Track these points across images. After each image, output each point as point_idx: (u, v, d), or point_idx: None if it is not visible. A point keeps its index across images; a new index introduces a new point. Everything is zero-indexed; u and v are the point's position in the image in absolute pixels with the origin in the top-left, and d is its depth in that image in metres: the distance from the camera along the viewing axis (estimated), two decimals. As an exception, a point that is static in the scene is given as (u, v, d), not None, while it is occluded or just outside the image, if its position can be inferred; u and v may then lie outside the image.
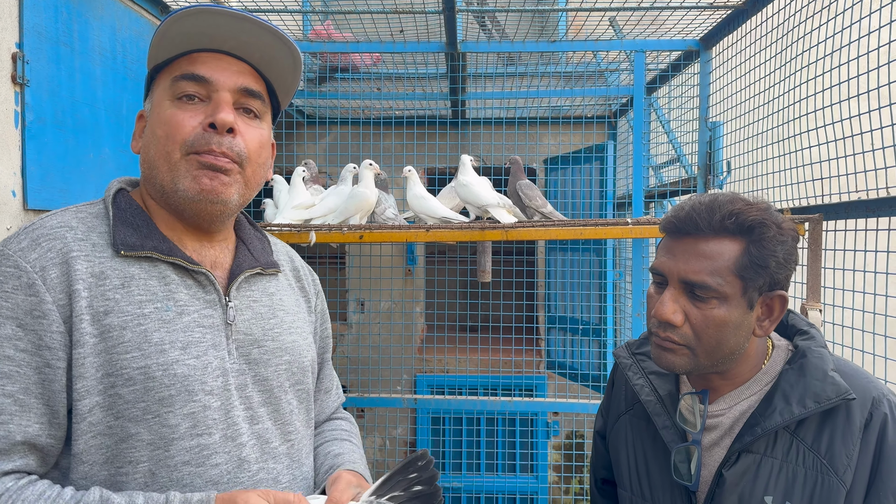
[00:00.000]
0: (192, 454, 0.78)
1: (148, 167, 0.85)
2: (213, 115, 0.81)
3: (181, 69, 0.83)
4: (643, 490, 1.03)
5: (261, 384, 0.87)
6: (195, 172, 0.81)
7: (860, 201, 1.65)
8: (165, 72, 0.85)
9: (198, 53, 0.84)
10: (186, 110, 0.82)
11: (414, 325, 3.89)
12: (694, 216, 0.90)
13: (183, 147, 0.81)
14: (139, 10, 2.11)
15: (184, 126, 0.81)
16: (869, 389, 0.90)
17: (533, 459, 3.79)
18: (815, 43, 1.85)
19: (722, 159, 2.54)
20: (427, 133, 3.49)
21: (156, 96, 0.86)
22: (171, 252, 0.82)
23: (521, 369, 3.80)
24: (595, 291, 3.31)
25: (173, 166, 0.82)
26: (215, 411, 0.80)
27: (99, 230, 0.82)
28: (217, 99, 0.83)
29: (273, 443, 0.87)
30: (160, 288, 0.80)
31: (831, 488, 0.87)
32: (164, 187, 0.83)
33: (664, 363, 0.94)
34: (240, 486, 0.81)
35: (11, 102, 1.53)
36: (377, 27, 2.65)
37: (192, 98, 0.83)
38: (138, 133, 0.90)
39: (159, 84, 0.86)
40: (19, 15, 1.54)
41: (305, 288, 1.03)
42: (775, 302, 0.91)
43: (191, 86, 0.82)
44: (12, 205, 1.54)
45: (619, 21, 2.74)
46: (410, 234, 2.12)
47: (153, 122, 0.84)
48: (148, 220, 0.84)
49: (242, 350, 0.86)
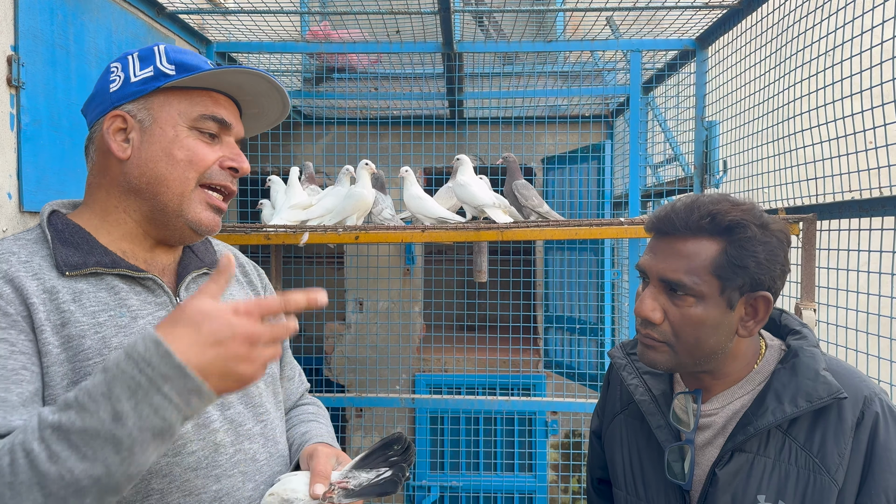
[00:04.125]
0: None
1: (149, 181, 0.86)
2: (240, 164, 0.91)
3: (207, 108, 0.89)
4: (637, 489, 1.04)
5: None
6: (204, 214, 0.89)
7: (854, 201, 1.65)
8: (179, 95, 0.88)
9: (217, 95, 0.91)
10: (209, 145, 0.89)
11: (412, 324, 3.89)
12: (672, 216, 0.92)
13: (200, 177, 0.88)
14: (135, 12, 2.11)
15: (207, 159, 0.88)
16: (860, 389, 0.91)
17: (531, 458, 3.80)
18: (810, 42, 1.85)
19: (718, 158, 2.54)
20: (424, 133, 3.49)
21: (164, 114, 0.87)
22: (115, 264, 0.85)
23: (520, 368, 3.80)
24: (593, 291, 3.31)
25: (187, 193, 0.87)
26: None
27: (41, 254, 0.84)
28: (231, 144, 0.92)
29: (246, 425, 0.91)
30: (111, 298, 0.84)
31: (823, 487, 0.87)
32: (165, 206, 0.87)
33: (647, 360, 0.96)
34: (218, 469, 0.85)
35: (7, 105, 1.53)
36: (373, 28, 2.65)
37: (207, 134, 0.90)
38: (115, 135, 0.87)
39: (170, 102, 0.87)
40: (14, 17, 1.54)
41: (253, 282, 1.08)
42: (759, 303, 0.91)
43: (214, 126, 0.90)
44: (8, 207, 1.54)
45: (615, 20, 2.74)
46: (406, 234, 2.12)
47: (167, 142, 0.86)
48: (87, 237, 0.86)
49: None
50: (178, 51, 0.90)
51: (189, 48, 2.54)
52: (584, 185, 3.37)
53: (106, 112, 0.88)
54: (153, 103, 0.87)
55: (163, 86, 0.87)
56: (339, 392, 3.70)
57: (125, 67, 0.89)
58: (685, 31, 2.64)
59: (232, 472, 0.86)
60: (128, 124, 0.87)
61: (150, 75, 0.87)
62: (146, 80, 0.87)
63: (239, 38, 2.78)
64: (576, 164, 3.41)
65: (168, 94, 0.88)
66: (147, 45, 0.91)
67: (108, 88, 0.89)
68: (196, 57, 0.90)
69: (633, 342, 1.13)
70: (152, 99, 0.88)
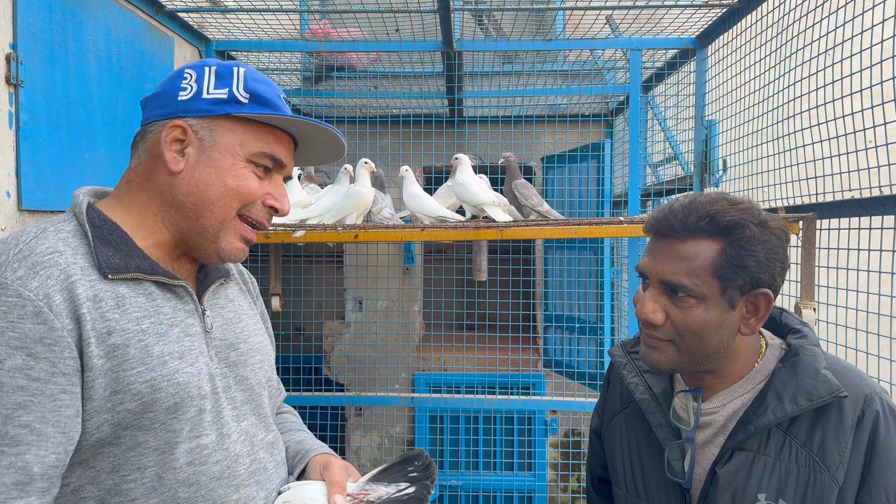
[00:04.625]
0: (194, 455, 0.83)
1: (196, 202, 0.86)
2: (281, 205, 0.92)
3: (268, 146, 0.89)
4: (638, 488, 1.04)
5: (242, 384, 0.93)
6: (238, 245, 0.90)
7: (854, 200, 1.65)
8: (246, 126, 0.88)
9: (280, 133, 0.92)
10: (260, 179, 0.90)
11: (412, 323, 3.89)
12: (670, 217, 0.91)
13: (242, 208, 0.89)
14: (134, 10, 2.10)
15: (255, 194, 0.89)
16: (861, 387, 0.91)
17: (531, 457, 3.80)
18: (810, 41, 1.85)
19: (718, 157, 2.54)
20: (424, 132, 3.49)
21: (225, 139, 0.87)
22: (154, 270, 0.85)
23: (519, 367, 3.80)
24: (593, 290, 3.31)
25: (226, 221, 0.88)
26: (209, 413, 0.86)
27: (81, 251, 0.81)
28: (278, 183, 0.93)
29: (259, 435, 0.94)
30: (149, 304, 0.83)
31: (824, 486, 0.87)
32: (204, 230, 0.88)
33: (650, 361, 0.96)
34: (237, 479, 0.87)
35: (5, 103, 1.52)
36: (373, 26, 2.65)
37: (263, 169, 0.90)
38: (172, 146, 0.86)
39: (233, 130, 0.87)
40: (13, 16, 1.54)
41: (251, 290, 1.10)
42: (760, 300, 0.91)
43: (270, 163, 0.90)
44: (7, 206, 1.54)
45: (615, 19, 2.74)
46: (406, 233, 2.12)
47: (222, 168, 0.86)
48: (126, 238, 0.84)
49: (221, 354, 0.91)
50: (256, 78, 0.89)
51: (188, 46, 2.54)
52: (583, 185, 3.37)
53: (168, 117, 0.86)
54: (218, 126, 0.87)
55: (231, 116, 0.87)
56: (339, 391, 3.70)
57: (199, 79, 0.87)
58: (685, 29, 2.64)
59: (248, 482, 0.89)
60: (187, 138, 0.86)
61: (223, 98, 0.86)
62: (218, 101, 0.86)
63: (238, 36, 2.77)
64: (575, 163, 3.40)
65: (234, 120, 0.87)
66: (228, 64, 0.90)
67: (177, 95, 0.87)
68: (271, 89, 0.90)
69: (634, 341, 1.13)
70: (218, 122, 0.87)
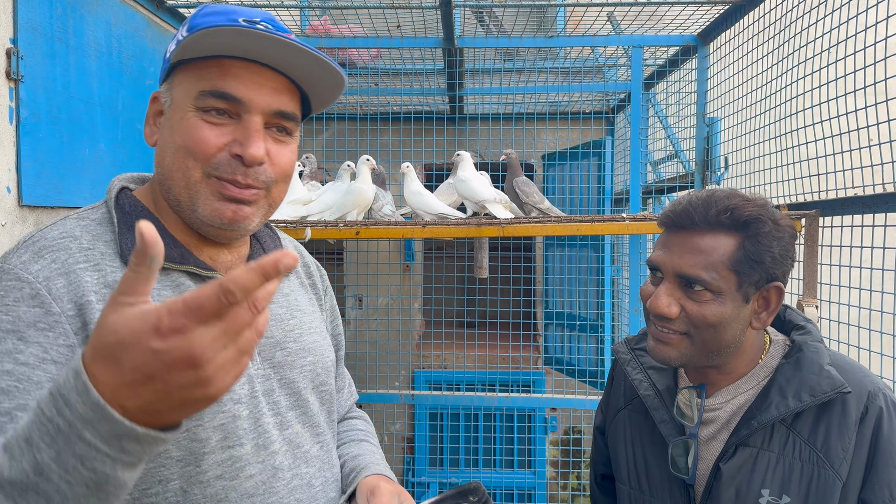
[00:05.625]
0: (225, 467, 0.73)
1: (162, 173, 0.76)
2: (243, 149, 0.72)
3: (211, 82, 0.72)
4: (641, 484, 1.04)
5: (287, 387, 0.82)
6: (217, 204, 0.74)
7: (857, 197, 1.65)
8: (191, 69, 0.74)
9: (231, 61, 0.73)
10: (213, 127, 0.73)
11: (412, 321, 3.89)
12: (690, 210, 0.91)
13: (205, 168, 0.73)
14: (134, 6, 2.09)
15: (208, 145, 0.72)
16: (864, 383, 0.91)
17: (531, 455, 3.80)
18: (813, 38, 1.85)
19: (719, 155, 2.54)
20: (424, 129, 3.48)
21: (176, 94, 0.75)
22: (184, 259, 0.75)
23: (519, 365, 3.80)
24: (593, 287, 3.31)
25: (192, 186, 0.74)
26: (245, 420, 0.76)
27: (104, 238, 0.74)
28: (248, 124, 0.73)
29: (304, 446, 0.83)
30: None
31: (827, 481, 0.87)
32: (179, 202, 0.76)
33: (659, 356, 0.95)
34: (275, 497, 0.77)
35: (6, 98, 1.52)
36: (374, 23, 2.64)
37: (220, 113, 0.73)
38: (152, 119, 0.79)
39: (181, 80, 0.74)
40: (13, 10, 1.53)
41: (316, 285, 0.98)
42: (772, 294, 0.92)
43: (220, 103, 0.72)
44: (7, 201, 1.54)
45: (616, 16, 2.73)
46: (407, 230, 2.12)
47: (173, 126, 0.74)
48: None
49: (265, 354, 0.81)
50: (207, 11, 0.73)
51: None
52: (584, 182, 3.37)
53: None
54: (173, 82, 0.76)
55: (181, 65, 0.74)
56: (339, 388, 3.69)
57: (174, 38, 0.76)
58: (687, 26, 2.64)
59: (288, 500, 0.78)
60: (162, 107, 0.78)
61: (173, 49, 0.74)
62: (170, 55, 0.75)
63: (239, 32, 2.76)
64: (576, 161, 3.40)
65: (183, 70, 0.75)
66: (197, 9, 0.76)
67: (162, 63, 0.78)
68: (222, 17, 0.72)
69: (638, 338, 1.13)
70: (173, 78, 0.76)
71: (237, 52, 0.72)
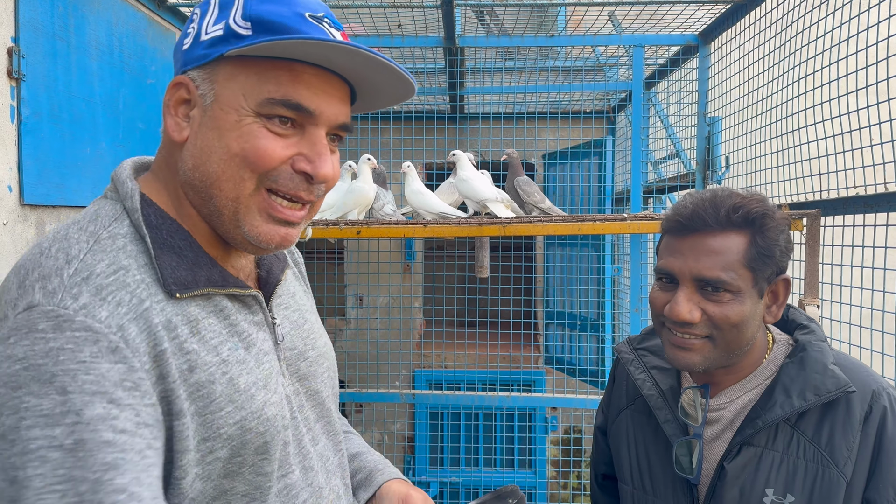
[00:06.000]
0: (282, 498, 0.69)
1: (202, 179, 0.65)
2: (314, 169, 0.66)
3: (281, 89, 0.64)
4: (644, 484, 1.04)
5: (313, 399, 0.78)
6: (266, 227, 0.67)
7: (858, 197, 1.65)
8: (250, 66, 0.64)
9: (303, 67, 0.65)
10: (277, 138, 0.65)
11: (412, 320, 3.89)
12: (700, 212, 0.90)
13: (262, 179, 0.65)
14: (135, 5, 2.09)
15: (272, 158, 0.64)
16: (868, 383, 0.91)
17: (531, 454, 3.80)
18: (814, 38, 1.85)
19: (720, 154, 2.54)
20: (425, 128, 3.48)
21: (226, 91, 0.64)
22: (225, 282, 0.68)
23: (520, 364, 3.80)
24: (593, 287, 3.31)
25: (242, 199, 0.65)
26: (291, 445, 0.71)
27: (140, 261, 0.63)
28: (315, 139, 0.66)
29: (330, 458, 0.79)
30: (222, 325, 0.66)
31: (832, 480, 0.87)
32: (221, 214, 0.66)
33: (683, 363, 0.93)
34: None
35: (7, 97, 1.52)
36: (375, 21, 2.64)
37: (284, 121, 0.65)
38: (175, 110, 0.67)
39: (235, 75, 0.64)
40: (15, 9, 1.53)
41: (303, 273, 0.92)
42: (780, 287, 0.93)
43: (288, 112, 0.64)
44: (8, 200, 1.53)
45: (617, 16, 2.73)
46: (408, 229, 2.12)
47: (223, 128, 0.64)
48: (189, 240, 0.67)
49: (292, 367, 0.75)
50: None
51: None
52: (584, 182, 3.37)
53: (177, 73, 0.68)
54: (218, 74, 0.65)
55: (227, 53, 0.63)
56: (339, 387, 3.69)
57: (203, 16, 0.66)
58: (688, 26, 2.64)
59: None
60: (191, 96, 0.66)
61: (220, 35, 0.64)
62: (214, 41, 0.64)
63: (239, 31, 2.76)
64: (577, 160, 3.40)
65: (236, 63, 0.64)
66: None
67: (182, 45, 0.67)
68: (286, 7, 0.64)
69: (640, 337, 1.13)
70: (218, 68, 0.65)
71: (313, 59, 0.65)
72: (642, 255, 2.77)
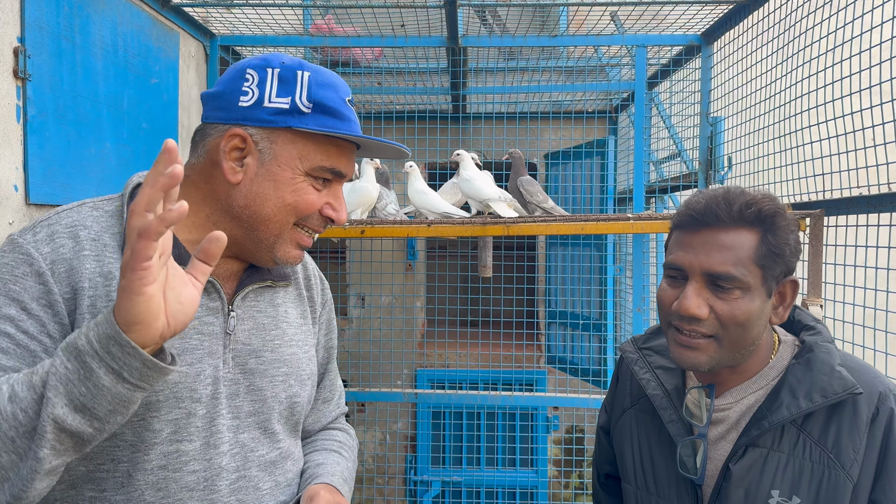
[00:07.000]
0: (170, 459, 0.79)
1: (252, 216, 0.83)
2: (338, 215, 0.89)
3: (331, 160, 0.86)
4: (648, 484, 1.04)
5: (254, 394, 0.87)
6: (292, 251, 0.88)
7: (861, 197, 1.65)
8: (308, 139, 0.84)
9: (345, 143, 0.88)
10: (317, 193, 0.87)
11: (414, 319, 3.89)
12: (714, 207, 0.90)
13: (299, 219, 0.86)
14: (140, 5, 2.09)
15: (313, 207, 0.86)
16: (875, 384, 0.91)
17: (533, 454, 3.80)
18: (818, 38, 1.85)
19: (723, 154, 2.54)
20: (428, 128, 3.48)
21: (285, 153, 0.83)
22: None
23: (522, 364, 3.80)
24: (595, 287, 3.31)
25: (282, 232, 0.86)
26: (199, 419, 0.81)
27: (112, 230, 0.81)
28: (338, 192, 0.90)
29: (258, 451, 0.88)
30: None
31: (838, 482, 0.87)
32: (259, 241, 0.86)
33: (688, 362, 0.92)
34: (215, 494, 0.82)
35: (13, 97, 1.52)
36: (378, 21, 2.64)
37: (322, 180, 0.87)
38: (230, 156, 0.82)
39: (293, 141, 0.83)
40: (21, 9, 1.53)
41: (314, 298, 1.03)
42: (787, 287, 0.93)
43: (331, 176, 0.87)
44: (14, 199, 1.54)
45: (620, 16, 2.73)
46: (412, 229, 2.12)
47: (280, 182, 0.83)
48: None
49: (239, 360, 0.86)
50: (321, 83, 0.83)
51: (193, 41, 2.53)
52: (587, 181, 3.37)
53: (228, 123, 0.82)
54: (279, 138, 0.83)
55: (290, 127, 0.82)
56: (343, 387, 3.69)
57: (262, 83, 0.82)
58: (690, 26, 2.63)
59: (228, 499, 0.83)
60: (247, 147, 0.82)
61: (285, 108, 0.82)
62: (279, 111, 0.82)
63: (243, 31, 2.76)
64: (579, 160, 3.40)
65: (295, 132, 0.83)
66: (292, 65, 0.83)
67: (238, 100, 0.82)
68: (336, 94, 0.85)
69: (645, 337, 1.13)
70: (279, 133, 0.83)
71: (353, 139, 0.88)
72: (645, 255, 2.77)
